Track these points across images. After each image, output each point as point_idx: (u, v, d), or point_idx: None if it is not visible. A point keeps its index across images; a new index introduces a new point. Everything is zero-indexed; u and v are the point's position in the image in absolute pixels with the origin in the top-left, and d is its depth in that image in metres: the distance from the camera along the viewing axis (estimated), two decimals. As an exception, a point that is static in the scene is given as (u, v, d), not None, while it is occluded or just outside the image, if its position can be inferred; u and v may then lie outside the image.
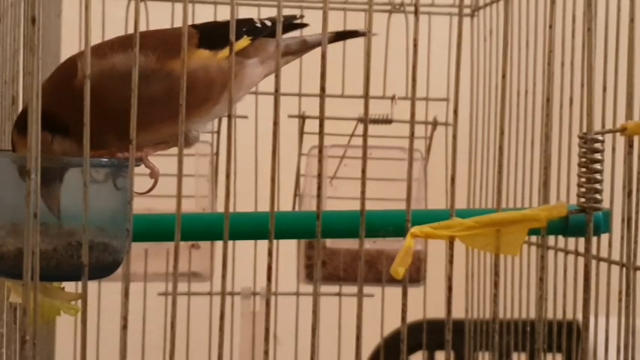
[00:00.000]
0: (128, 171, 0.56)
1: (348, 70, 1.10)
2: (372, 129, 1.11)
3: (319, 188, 0.53)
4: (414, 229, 0.55)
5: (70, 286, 0.60)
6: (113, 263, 0.58)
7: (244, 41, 0.67)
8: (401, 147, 1.14)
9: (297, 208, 1.15)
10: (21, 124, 0.60)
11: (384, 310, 1.15)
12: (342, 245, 1.10)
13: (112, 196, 0.57)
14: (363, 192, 0.53)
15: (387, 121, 1.11)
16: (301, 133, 1.13)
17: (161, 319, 1.10)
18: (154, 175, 0.65)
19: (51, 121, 0.59)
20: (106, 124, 0.59)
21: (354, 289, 1.17)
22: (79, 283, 0.51)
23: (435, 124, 1.14)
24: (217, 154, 1.12)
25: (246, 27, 0.68)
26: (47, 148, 0.59)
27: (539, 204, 0.60)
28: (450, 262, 0.55)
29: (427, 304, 1.14)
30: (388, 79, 1.13)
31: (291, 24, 0.72)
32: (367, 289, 1.16)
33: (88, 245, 0.50)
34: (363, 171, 0.54)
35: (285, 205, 1.14)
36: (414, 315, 1.12)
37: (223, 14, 1.09)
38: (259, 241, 0.89)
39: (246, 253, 1.08)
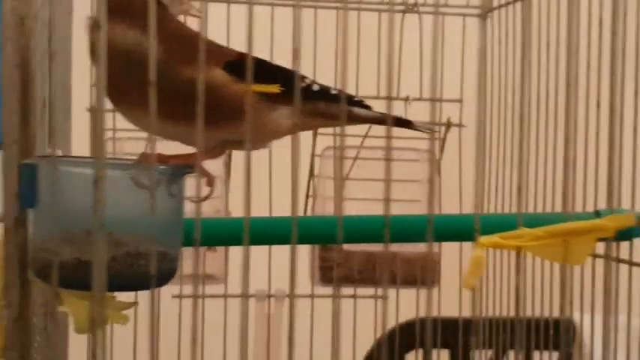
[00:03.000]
0: (183, 178, 0.55)
1: (362, 70, 1.10)
2: (385, 130, 1.10)
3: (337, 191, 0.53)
4: (483, 240, 0.55)
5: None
6: (170, 272, 0.57)
7: (273, 87, 0.65)
8: (414, 148, 1.13)
9: (309, 209, 1.15)
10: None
11: (399, 312, 1.14)
12: (357, 247, 1.10)
13: (165, 203, 0.55)
14: (386, 197, 0.52)
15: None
16: (315, 134, 1.13)
17: (175, 321, 1.10)
18: (210, 182, 0.64)
19: None
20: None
21: (369, 290, 1.17)
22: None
23: (448, 125, 1.13)
24: (230, 154, 1.12)
25: (286, 78, 0.65)
26: None
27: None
28: (518, 272, 0.55)
29: (441, 305, 1.14)
30: (401, 79, 1.12)
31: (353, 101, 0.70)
32: (381, 291, 1.16)
33: (153, 255, 0.49)
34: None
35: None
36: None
37: (237, 13, 1.09)
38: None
39: (261, 255, 1.08)
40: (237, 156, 1.10)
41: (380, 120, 0.69)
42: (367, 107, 0.70)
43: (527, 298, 0.99)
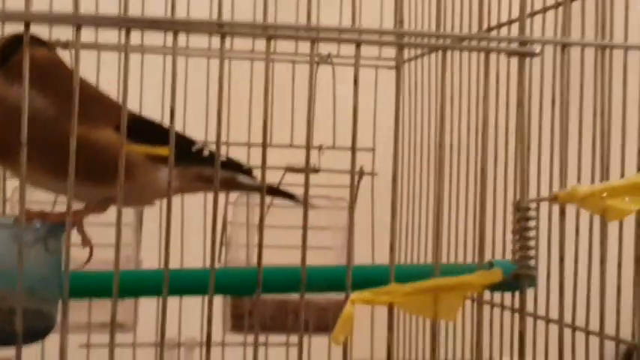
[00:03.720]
0: (61, 234, 0.55)
1: (275, 118, 1.11)
2: (298, 177, 1.11)
3: (260, 247, 0.53)
4: (354, 296, 0.55)
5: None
6: (45, 329, 0.56)
7: (162, 149, 0.66)
8: (326, 195, 1.15)
9: (222, 257, 1.14)
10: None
11: (311, 359, 1.14)
12: (268, 295, 1.10)
13: (43, 259, 0.55)
14: (303, 249, 0.53)
15: (314, 171, 1.12)
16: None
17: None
18: (87, 243, 0.64)
19: None
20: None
21: (280, 338, 1.16)
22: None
23: (361, 173, 1.15)
24: (142, 202, 1.11)
25: (182, 144, 0.67)
26: None
27: (465, 258, 0.60)
28: (389, 329, 0.56)
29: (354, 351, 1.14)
30: (315, 128, 1.14)
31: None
32: (293, 338, 1.16)
33: (21, 311, 0.48)
34: (304, 230, 0.54)
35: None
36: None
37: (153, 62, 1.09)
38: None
39: (171, 302, 1.07)
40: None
41: (259, 189, 0.72)
42: (252, 176, 0.73)
43: (441, 344, 1.01)
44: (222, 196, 1.13)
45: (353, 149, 0.57)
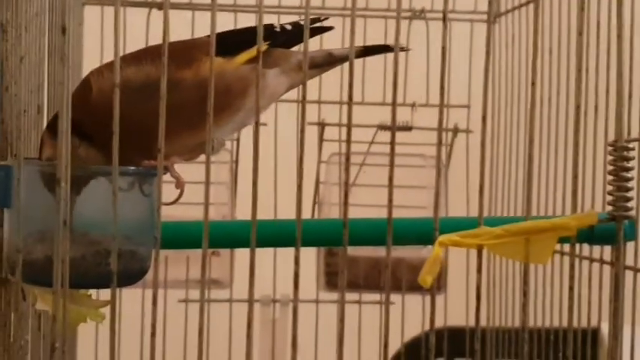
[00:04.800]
0: (155, 179, 0.56)
1: (367, 76, 1.10)
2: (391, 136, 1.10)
3: (346, 196, 0.53)
4: (442, 238, 0.54)
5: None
6: (140, 271, 0.58)
7: (261, 46, 0.65)
8: (421, 154, 1.13)
9: (316, 216, 1.15)
10: (54, 126, 0.61)
11: (404, 318, 1.14)
12: (362, 253, 1.10)
13: (138, 204, 0.57)
14: (390, 200, 0.53)
15: (407, 128, 1.11)
16: (321, 140, 1.13)
17: (181, 326, 1.10)
18: (180, 184, 0.64)
19: (77, 128, 0.58)
20: (122, 138, 0.58)
21: (374, 296, 1.16)
22: (103, 290, 0.51)
23: (455, 131, 1.13)
24: (237, 161, 1.12)
25: (264, 32, 0.66)
26: (74, 151, 0.59)
27: (564, 212, 0.59)
28: (478, 270, 0.55)
29: (448, 311, 1.13)
30: (408, 86, 1.13)
31: (313, 28, 0.70)
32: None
33: (117, 253, 0.50)
34: (390, 179, 0.53)
35: (305, 212, 1.13)
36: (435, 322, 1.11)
37: (245, 22, 1.09)
38: (279, 248, 0.88)
39: (265, 259, 1.08)
40: (243, 163, 1.10)
41: (359, 54, 0.70)
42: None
43: (542, 307, 0.99)
44: (314, 155, 1.13)
45: (441, 103, 0.55)
